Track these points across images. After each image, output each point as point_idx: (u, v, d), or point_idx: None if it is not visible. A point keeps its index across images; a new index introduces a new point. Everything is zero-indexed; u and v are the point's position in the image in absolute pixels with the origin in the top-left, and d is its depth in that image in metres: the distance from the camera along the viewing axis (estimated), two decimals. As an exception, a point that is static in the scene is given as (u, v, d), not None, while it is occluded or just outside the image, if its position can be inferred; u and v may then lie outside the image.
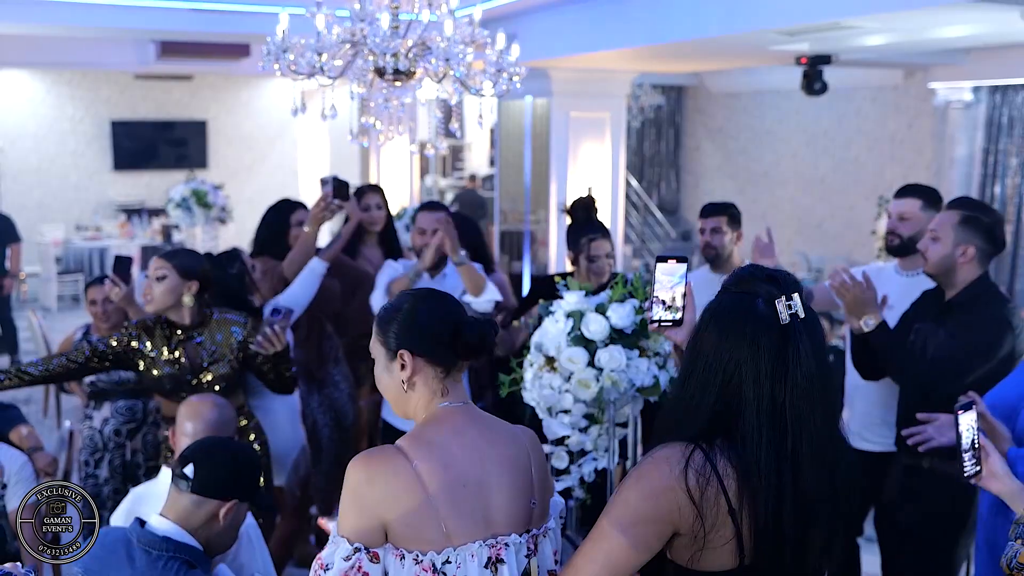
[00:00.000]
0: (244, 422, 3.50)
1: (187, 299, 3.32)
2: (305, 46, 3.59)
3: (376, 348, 1.93)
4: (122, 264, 3.85)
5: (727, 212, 4.28)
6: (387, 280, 4.07)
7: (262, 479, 3.41)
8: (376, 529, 1.77)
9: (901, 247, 3.62)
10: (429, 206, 4.33)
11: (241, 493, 2.28)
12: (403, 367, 1.87)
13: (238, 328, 3.42)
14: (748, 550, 1.69)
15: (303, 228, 4.18)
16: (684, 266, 2.08)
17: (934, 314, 3.21)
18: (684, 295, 2.06)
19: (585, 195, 4.84)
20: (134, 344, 3.37)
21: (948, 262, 3.12)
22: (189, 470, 2.22)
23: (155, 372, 3.36)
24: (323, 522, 2.12)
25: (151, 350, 3.36)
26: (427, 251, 3.98)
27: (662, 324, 2.07)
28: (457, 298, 4.13)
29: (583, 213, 4.90)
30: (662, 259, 2.10)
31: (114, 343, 3.37)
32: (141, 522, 2.28)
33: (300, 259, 4.07)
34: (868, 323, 3.17)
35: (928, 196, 3.64)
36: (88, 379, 3.94)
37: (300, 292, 3.91)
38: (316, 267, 3.97)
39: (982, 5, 3.56)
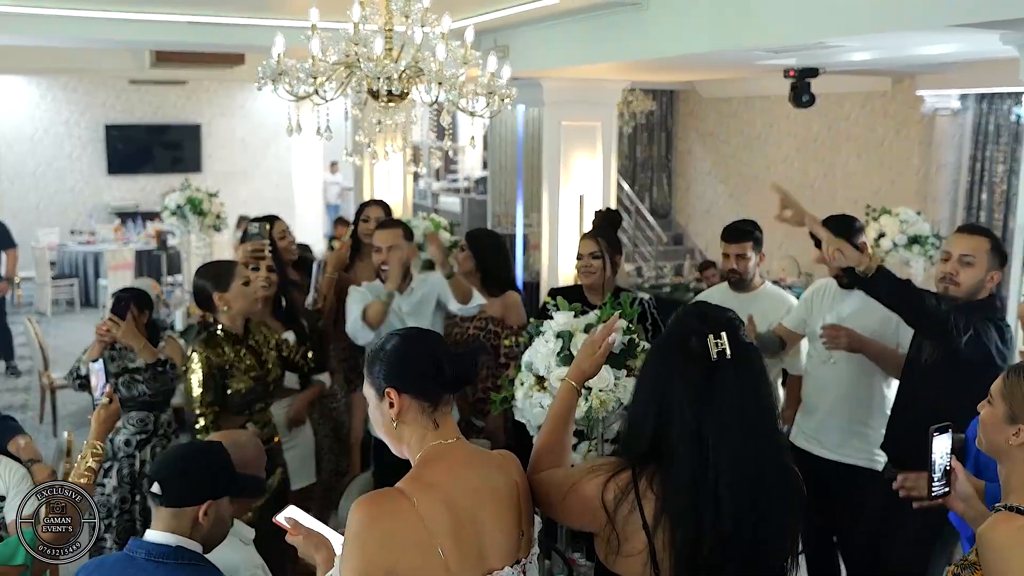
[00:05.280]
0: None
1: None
2: (300, 69, 3.63)
3: (367, 389, 1.98)
4: (120, 304, 3.97)
5: (752, 237, 4.13)
6: (359, 306, 4.11)
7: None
8: (376, 574, 1.78)
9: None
10: (385, 224, 4.33)
11: (210, 492, 2.31)
12: (391, 405, 1.91)
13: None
14: (666, 569, 1.84)
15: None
16: None
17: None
18: None
19: (607, 208, 4.97)
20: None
21: (979, 287, 3.14)
22: (156, 488, 2.25)
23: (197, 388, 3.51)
24: (276, 519, 2.16)
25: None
26: (391, 272, 4.07)
27: None
28: (435, 310, 4.28)
29: (601, 225, 5.02)
30: None
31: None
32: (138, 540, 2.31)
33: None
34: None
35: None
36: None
37: None
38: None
39: (964, 28, 3.64)
